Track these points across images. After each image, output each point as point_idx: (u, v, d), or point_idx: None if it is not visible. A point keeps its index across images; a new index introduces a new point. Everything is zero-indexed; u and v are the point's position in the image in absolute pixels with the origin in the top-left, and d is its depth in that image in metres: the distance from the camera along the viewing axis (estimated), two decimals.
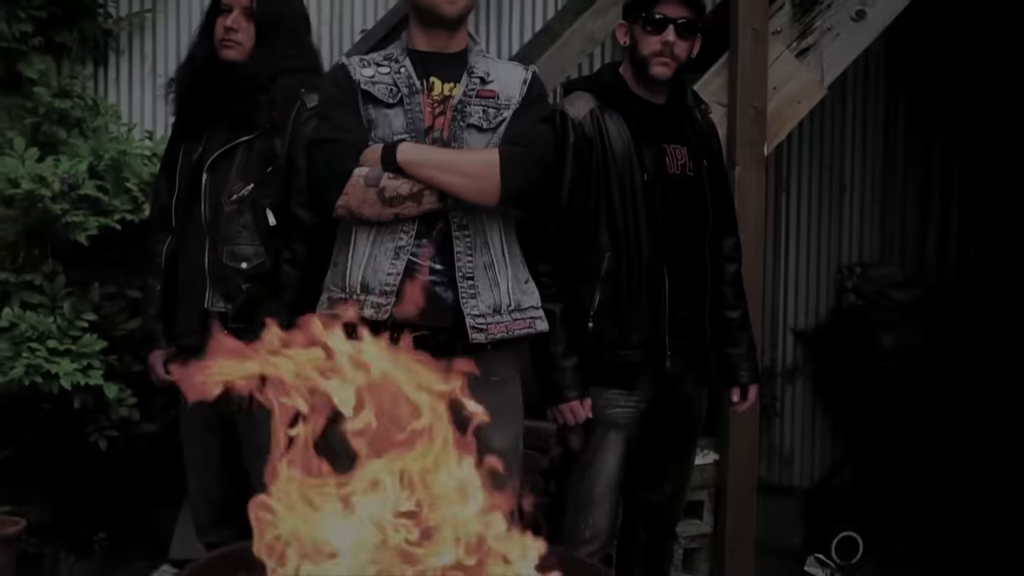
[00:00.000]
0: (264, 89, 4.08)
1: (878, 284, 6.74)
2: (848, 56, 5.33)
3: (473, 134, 3.81)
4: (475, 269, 3.76)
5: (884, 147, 7.04)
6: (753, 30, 5.09)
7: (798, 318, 6.93)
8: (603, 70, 4.56)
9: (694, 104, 4.39)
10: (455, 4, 3.81)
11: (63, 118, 5.42)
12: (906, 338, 6.37)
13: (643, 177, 4.16)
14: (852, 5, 5.28)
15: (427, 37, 3.88)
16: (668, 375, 4.21)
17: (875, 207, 7.06)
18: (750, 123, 5.10)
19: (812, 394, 6.93)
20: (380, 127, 3.80)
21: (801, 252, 6.92)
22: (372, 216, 3.71)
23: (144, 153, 5.26)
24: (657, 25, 4.17)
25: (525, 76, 3.93)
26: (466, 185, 3.70)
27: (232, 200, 4.08)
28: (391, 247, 3.72)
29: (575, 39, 5.35)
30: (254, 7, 4.14)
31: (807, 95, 5.27)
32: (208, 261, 4.09)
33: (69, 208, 4.89)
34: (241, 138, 4.11)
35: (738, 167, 5.07)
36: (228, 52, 4.14)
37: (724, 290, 4.38)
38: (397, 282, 3.69)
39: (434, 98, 3.82)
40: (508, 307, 3.79)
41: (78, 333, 4.90)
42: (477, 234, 3.78)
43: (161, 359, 4.31)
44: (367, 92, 3.81)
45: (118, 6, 5.93)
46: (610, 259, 4.14)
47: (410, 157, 3.71)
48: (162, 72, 5.90)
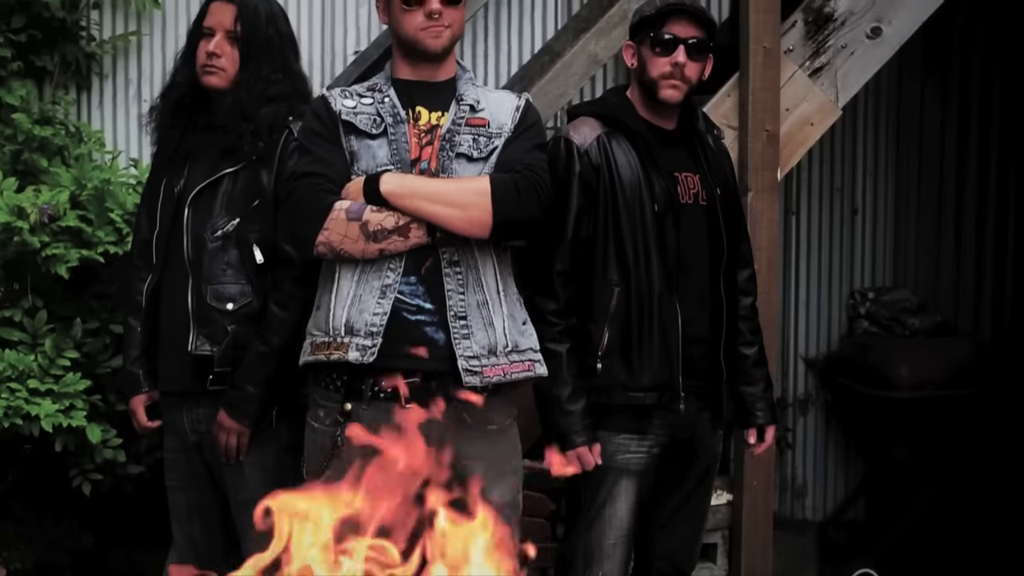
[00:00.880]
0: (249, 118, 3.90)
1: (892, 310, 6.55)
2: (863, 75, 5.18)
3: (463, 164, 3.62)
4: (468, 308, 3.56)
5: (896, 168, 6.87)
6: (764, 48, 4.93)
7: (809, 346, 6.75)
8: (609, 94, 4.39)
9: (706, 129, 4.21)
10: (439, 38, 3.64)
11: (44, 146, 5.22)
12: (922, 366, 6.16)
13: (653, 207, 3.98)
14: (867, 22, 5.12)
15: (412, 68, 3.71)
16: (682, 418, 4.02)
17: (887, 230, 6.89)
18: (762, 147, 4.93)
19: (824, 424, 6.76)
20: (363, 159, 3.61)
21: (811, 277, 6.76)
22: (355, 253, 3.52)
23: (129, 182, 5.07)
24: (666, 46, 3.99)
25: (518, 104, 3.75)
26: (456, 216, 3.51)
27: (216, 236, 3.90)
28: (377, 286, 3.53)
29: (577, 61, 5.15)
30: (238, 31, 3.95)
31: (821, 117, 5.10)
32: (192, 301, 3.91)
33: (49, 240, 4.70)
34: (225, 170, 3.93)
35: (750, 193, 4.90)
36: (211, 79, 3.96)
37: (739, 325, 4.20)
38: (384, 323, 3.50)
39: (421, 127, 3.65)
40: (504, 348, 3.59)
41: (60, 372, 4.73)
42: (469, 270, 3.58)
43: (143, 404, 4.12)
44: (348, 123, 3.64)
45: (101, 28, 5.74)
46: (619, 295, 3.95)
47: (394, 188, 3.51)
48: (147, 97, 5.69)
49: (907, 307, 6.56)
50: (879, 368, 6.19)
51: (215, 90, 3.96)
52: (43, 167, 5.14)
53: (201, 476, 4.00)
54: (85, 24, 5.67)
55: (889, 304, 6.59)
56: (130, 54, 5.80)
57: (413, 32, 3.62)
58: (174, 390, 3.97)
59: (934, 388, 6.12)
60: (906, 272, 6.93)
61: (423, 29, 3.61)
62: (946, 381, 6.17)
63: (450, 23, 3.64)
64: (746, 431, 4.26)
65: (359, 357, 3.47)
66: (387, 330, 3.49)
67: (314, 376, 3.68)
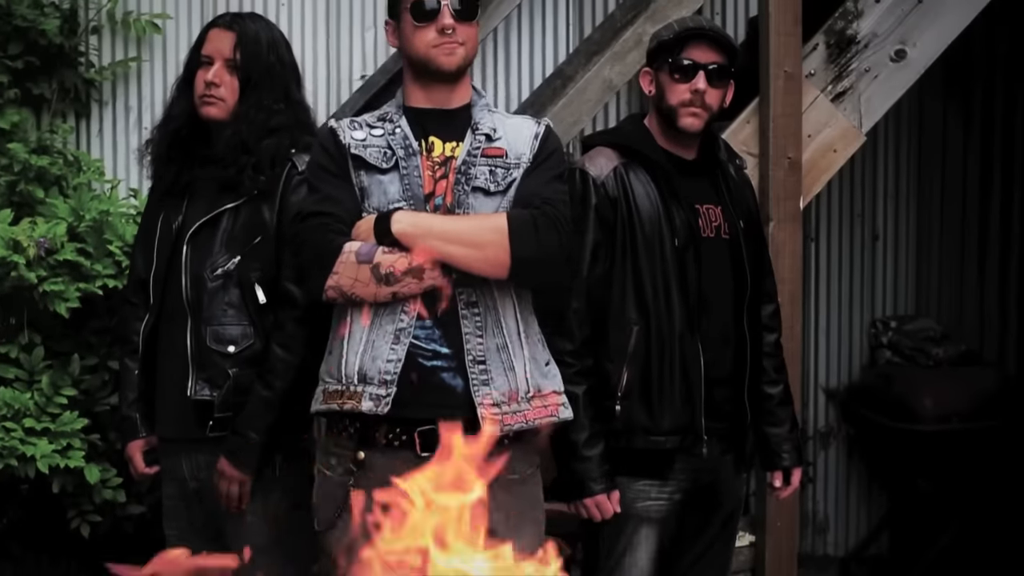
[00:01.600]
0: (250, 150, 3.74)
1: (915, 339, 6.40)
2: (888, 99, 5.05)
3: (480, 198, 3.45)
4: (487, 352, 3.39)
5: (918, 192, 6.74)
6: (786, 73, 4.79)
7: (829, 376, 6.62)
8: (626, 122, 4.25)
9: (728, 158, 4.07)
10: (453, 55, 3.46)
11: (41, 176, 5.09)
12: (947, 398, 6.01)
13: (674, 241, 3.84)
14: (891, 44, 4.99)
15: (425, 93, 3.53)
16: (704, 462, 3.88)
17: (910, 257, 6.76)
18: (784, 175, 4.79)
19: (846, 457, 6.63)
20: (374, 195, 3.44)
21: (832, 306, 6.63)
22: (367, 297, 3.35)
23: (129, 212, 4.96)
24: (685, 72, 3.86)
25: (537, 131, 3.56)
26: (472, 256, 3.34)
27: (216, 275, 3.75)
28: (390, 330, 3.36)
29: (591, 86, 5.00)
30: (238, 59, 3.80)
31: (845, 143, 4.97)
32: (191, 343, 3.76)
33: (47, 275, 4.59)
34: (225, 205, 3.77)
35: (772, 223, 4.76)
36: (209, 109, 3.81)
37: (763, 363, 4.05)
38: (398, 370, 3.34)
39: (434, 160, 3.47)
40: (526, 394, 3.42)
41: (57, 410, 4.62)
42: (488, 312, 3.41)
43: (140, 449, 3.97)
44: (358, 157, 3.47)
45: (100, 54, 5.61)
46: (638, 334, 3.81)
47: (407, 227, 3.34)
48: (148, 124, 5.54)
49: (931, 336, 6.42)
50: (903, 399, 6.04)
51: (214, 121, 3.81)
52: (40, 198, 5.01)
53: (200, 527, 3.84)
54: (84, 50, 5.56)
55: (912, 333, 6.45)
56: (130, 80, 5.67)
57: (425, 50, 3.46)
58: (173, 436, 3.82)
59: (959, 420, 5.97)
60: (929, 300, 6.80)
61: (435, 46, 3.45)
62: (971, 413, 6.01)
63: (464, 40, 3.47)
64: (771, 473, 4.12)
65: (373, 407, 3.32)
66: (402, 377, 3.33)
67: (326, 422, 3.55)
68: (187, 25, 5.63)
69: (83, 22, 5.50)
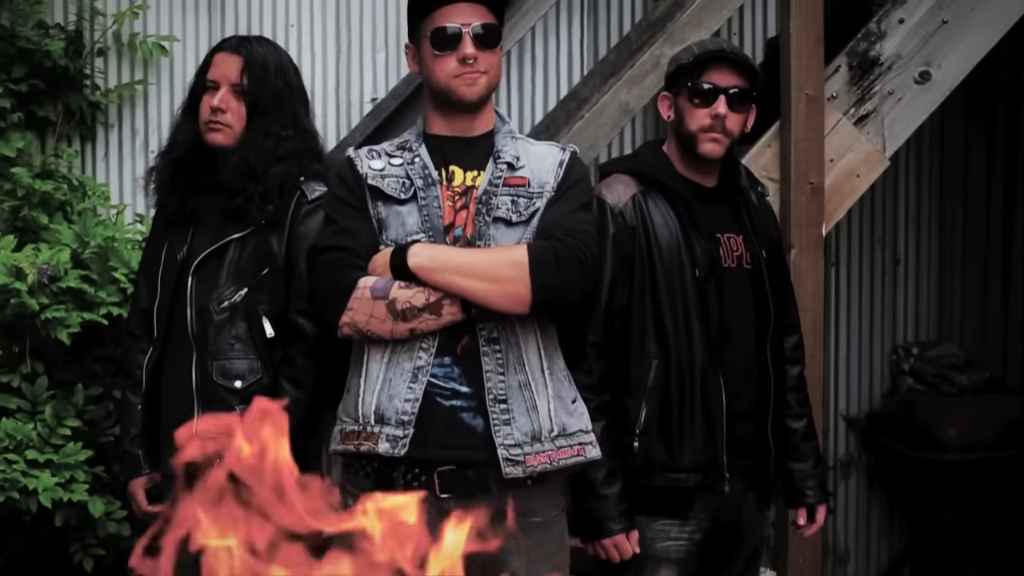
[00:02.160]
0: (258, 178, 3.64)
1: (937, 366, 6.29)
2: (912, 122, 4.93)
3: (501, 229, 3.33)
4: (508, 390, 3.27)
5: (940, 216, 6.64)
6: (808, 96, 4.68)
7: (850, 404, 6.50)
8: (644, 148, 4.14)
9: (749, 185, 3.96)
10: (475, 85, 3.35)
11: (45, 201, 5.02)
12: (971, 426, 5.89)
13: (694, 272, 3.73)
14: (915, 66, 4.87)
15: (446, 121, 3.42)
16: (726, 500, 3.76)
17: (931, 282, 6.65)
18: (806, 201, 4.67)
19: (867, 487, 6.52)
20: (392, 227, 3.34)
21: (852, 332, 6.51)
22: (383, 334, 3.24)
23: (134, 238, 4.87)
24: (706, 96, 3.75)
25: (562, 158, 3.45)
26: (492, 291, 3.22)
27: (222, 307, 3.66)
28: (408, 368, 3.25)
29: (608, 110, 4.88)
30: (245, 84, 3.71)
31: (868, 167, 4.84)
32: (196, 378, 3.67)
33: (49, 302, 4.50)
34: (232, 235, 3.68)
35: (793, 250, 4.64)
36: (215, 136, 3.71)
37: (787, 397, 3.94)
38: (416, 410, 3.23)
39: (455, 190, 3.36)
40: (550, 433, 3.30)
41: (60, 441, 4.52)
42: (510, 349, 3.29)
43: (143, 487, 3.89)
44: (375, 187, 3.36)
45: (106, 77, 5.54)
46: (657, 368, 3.70)
47: (424, 261, 3.23)
48: (155, 147, 5.47)
49: (953, 363, 6.31)
50: (926, 428, 5.93)
51: (220, 149, 3.72)
52: (43, 224, 4.95)
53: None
54: (89, 72, 5.49)
55: (934, 360, 6.34)
56: (136, 103, 5.62)
57: (445, 80, 3.35)
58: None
59: (984, 449, 5.85)
60: (951, 326, 6.69)
61: (456, 76, 3.34)
62: (996, 442, 5.89)
63: (486, 69, 3.36)
64: (795, 511, 4.03)
65: (389, 449, 3.22)
66: (419, 418, 3.23)
67: (344, 460, 3.45)
68: (194, 47, 5.58)
69: (89, 44, 5.45)
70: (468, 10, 3.36)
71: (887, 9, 4.83)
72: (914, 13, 4.84)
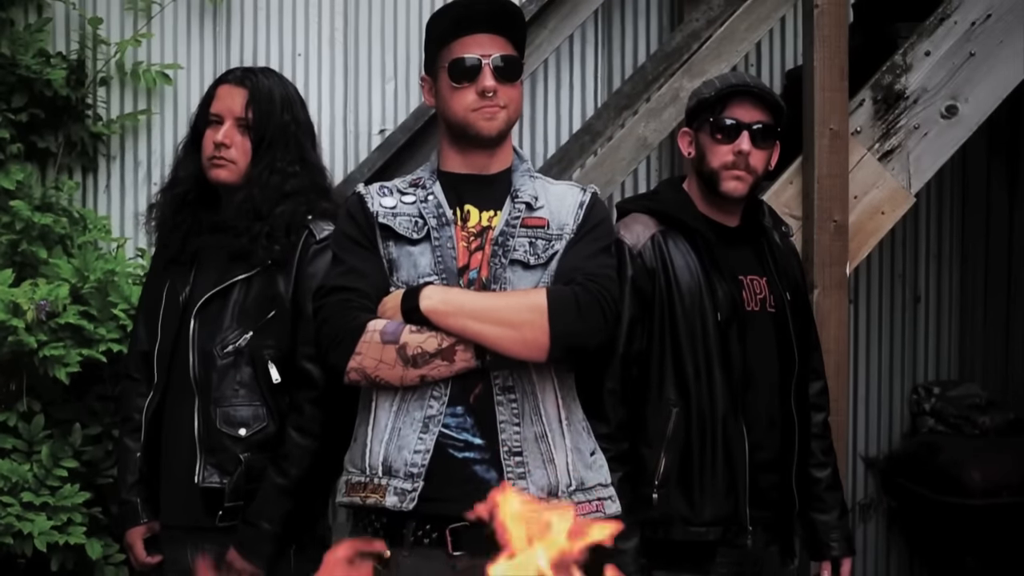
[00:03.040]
0: (263, 217, 3.55)
1: (959, 407, 6.16)
2: (938, 158, 4.80)
3: (518, 272, 3.22)
4: (524, 442, 3.15)
5: (961, 252, 6.54)
6: (831, 131, 4.54)
7: (869, 444, 6.38)
8: (664, 186, 4.04)
9: (772, 225, 3.87)
10: (493, 120, 3.24)
11: (44, 235, 4.93)
12: (996, 470, 5.74)
13: (716, 316, 3.63)
14: (942, 100, 4.74)
15: (462, 158, 3.31)
16: (748, 553, 3.66)
17: (953, 319, 6.54)
18: (830, 239, 4.53)
19: (886, 530, 6.39)
20: (403, 268, 3.22)
21: (871, 370, 6.40)
22: (393, 380, 3.12)
23: (135, 273, 4.81)
24: (728, 132, 3.66)
25: (582, 199, 3.34)
26: (509, 336, 3.10)
27: (226, 351, 3.56)
28: (418, 418, 3.13)
29: (625, 144, 4.76)
30: (250, 118, 3.61)
31: (893, 204, 4.70)
32: (198, 425, 3.57)
33: (47, 339, 4.43)
34: (236, 276, 3.59)
35: (816, 290, 4.50)
36: (219, 172, 3.62)
37: (811, 445, 3.84)
38: (426, 462, 3.11)
39: (470, 230, 3.25)
40: (568, 488, 3.19)
41: (57, 483, 4.45)
42: (526, 398, 3.18)
43: (141, 537, 3.78)
44: (386, 226, 3.24)
45: (108, 107, 5.44)
46: (677, 416, 3.60)
47: (436, 304, 3.11)
48: (157, 180, 5.37)
49: (976, 403, 6.17)
50: (948, 471, 5.79)
51: (224, 185, 3.62)
52: (43, 258, 4.85)
53: None
54: (91, 102, 5.38)
55: (956, 400, 6.21)
56: (139, 134, 5.51)
57: (463, 114, 3.24)
58: (178, 524, 3.61)
59: (1010, 494, 5.70)
60: (973, 365, 6.58)
61: (475, 110, 3.24)
62: (1022, 486, 5.75)
63: (506, 103, 3.26)
64: (818, 564, 3.91)
65: (397, 503, 3.10)
66: (430, 470, 3.10)
67: (352, 514, 3.34)
68: (199, 76, 5.47)
69: (91, 73, 5.35)
70: (488, 41, 3.26)
71: (913, 41, 4.71)
72: (940, 45, 4.72)
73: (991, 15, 4.73)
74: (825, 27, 4.52)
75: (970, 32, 4.72)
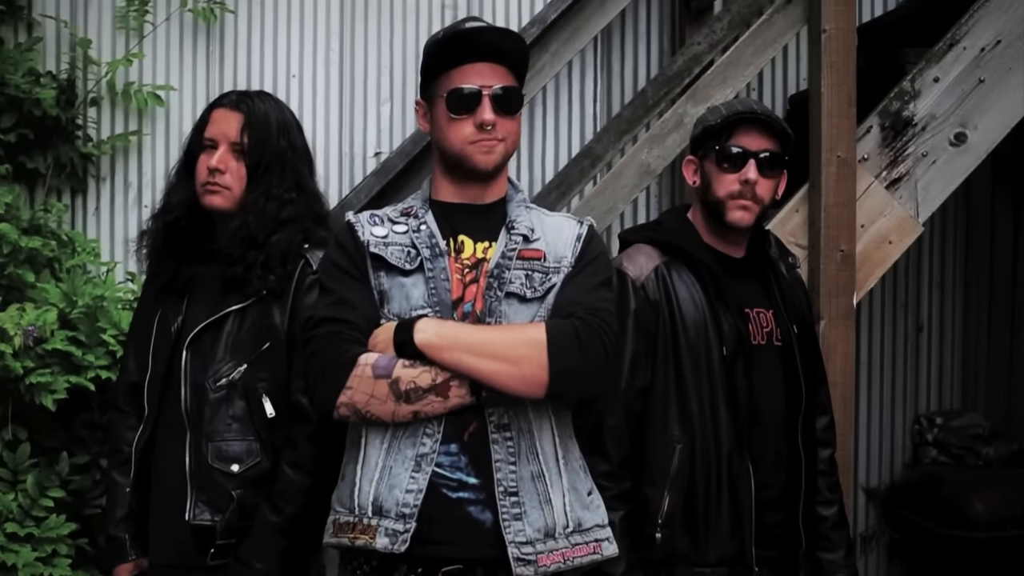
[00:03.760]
0: (259, 245, 3.46)
1: (962, 437, 6.09)
2: (947, 187, 4.71)
3: (514, 305, 3.12)
4: (520, 482, 3.05)
5: (965, 281, 6.47)
6: (839, 158, 4.45)
7: (870, 475, 6.31)
8: (667, 216, 3.95)
9: (779, 256, 3.78)
10: (491, 153, 3.16)
11: (32, 259, 4.85)
12: (1000, 501, 5.64)
13: (721, 350, 3.55)
14: (950, 127, 4.66)
15: (456, 188, 3.23)
16: None
17: (956, 349, 6.46)
18: (836, 269, 4.44)
19: (887, 562, 6.30)
20: (395, 300, 3.12)
21: (873, 400, 6.32)
22: (384, 416, 3.01)
23: (125, 298, 4.71)
24: (734, 160, 3.59)
25: (579, 231, 3.25)
26: (505, 372, 2.99)
27: (219, 384, 3.46)
28: (410, 456, 3.03)
29: (627, 171, 4.67)
30: (245, 143, 3.52)
31: (901, 234, 4.61)
32: (190, 461, 3.46)
33: (34, 366, 4.36)
34: (230, 306, 3.49)
35: (823, 321, 4.41)
36: (213, 199, 3.53)
37: (818, 482, 3.74)
38: (419, 502, 3.00)
39: (464, 262, 3.16)
40: (565, 529, 3.08)
41: (42, 514, 4.38)
42: (522, 436, 3.07)
43: (129, 574, 3.66)
44: (378, 256, 3.15)
45: (99, 127, 5.36)
46: (681, 453, 3.52)
47: (431, 338, 3.01)
48: (148, 202, 5.35)
49: (979, 434, 6.11)
50: (952, 503, 5.70)
51: (218, 212, 3.53)
52: (30, 282, 4.77)
53: None
54: (82, 123, 5.32)
55: (959, 430, 6.14)
56: (130, 155, 5.43)
57: (460, 146, 3.15)
58: (167, 562, 3.50)
59: (1014, 527, 5.61)
60: (976, 395, 6.49)
61: (472, 143, 3.15)
62: None
63: (504, 136, 3.17)
64: None
65: (388, 545, 2.98)
66: (423, 511, 3.00)
67: (341, 555, 3.22)
68: (192, 97, 5.41)
69: (81, 93, 5.29)
70: (488, 71, 3.17)
71: (921, 67, 4.63)
72: (949, 72, 4.64)
73: (1001, 40, 4.65)
74: (833, 52, 4.45)
75: (979, 58, 4.64)
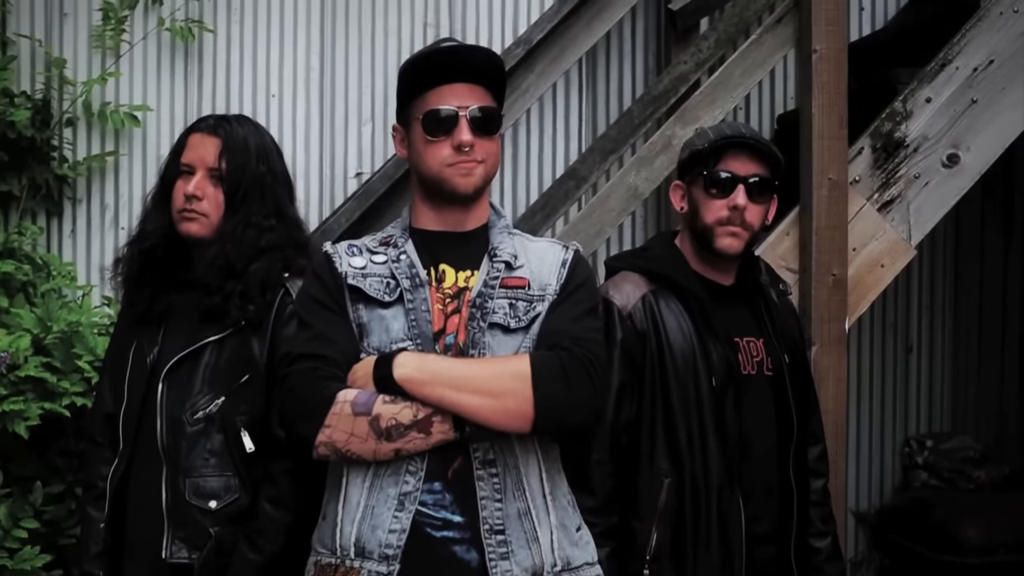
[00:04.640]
0: (237, 274, 3.37)
1: (953, 460, 6.04)
2: (939, 209, 4.64)
3: (498, 336, 3.03)
4: (506, 520, 2.95)
5: (955, 302, 6.43)
6: (831, 181, 4.40)
7: (860, 499, 6.24)
8: (654, 242, 3.85)
9: (769, 283, 3.70)
10: (470, 176, 3.06)
11: (5, 283, 4.80)
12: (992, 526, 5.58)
13: (710, 381, 3.47)
14: (943, 148, 4.60)
15: (436, 215, 3.14)
16: None
17: (945, 370, 6.43)
18: (828, 293, 4.38)
19: None
20: (374, 333, 3.03)
21: (862, 422, 6.26)
22: (365, 454, 2.92)
23: (101, 323, 4.66)
24: (723, 186, 3.51)
25: (564, 257, 3.16)
26: (490, 406, 2.89)
27: (197, 418, 3.36)
28: (393, 494, 2.94)
29: (615, 194, 4.60)
30: (223, 168, 3.43)
31: (893, 257, 4.54)
32: (166, 496, 3.36)
33: (7, 393, 4.30)
34: (208, 337, 3.39)
35: (814, 347, 4.35)
36: (190, 226, 3.44)
37: (810, 513, 3.66)
38: (402, 542, 2.91)
39: (445, 292, 3.06)
40: (553, 568, 2.99)
41: (16, 545, 4.33)
42: (508, 472, 2.98)
43: None
44: (356, 288, 3.05)
45: (75, 148, 5.30)
46: (670, 487, 3.43)
47: (412, 372, 2.91)
48: (125, 224, 5.30)
49: (970, 457, 6.07)
50: (943, 528, 5.63)
51: (195, 240, 3.44)
52: (3, 306, 4.71)
53: None
54: (57, 144, 5.26)
55: (949, 453, 6.10)
56: (107, 176, 5.38)
57: (438, 168, 3.05)
58: None
59: (1007, 552, 5.54)
60: (966, 417, 6.45)
61: (450, 165, 3.04)
62: (1021, 543, 5.58)
63: (483, 158, 3.07)
64: None
65: None
66: (406, 551, 2.90)
67: None
68: (169, 117, 5.37)
69: (56, 114, 5.23)
70: (465, 91, 3.07)
71: (913, 87, 4.57)
72: (942, 92, 4.58)
73: (993, 60, 4.60)
74: (823, 73, 4.39)
75: (972, 78, 4.59)
